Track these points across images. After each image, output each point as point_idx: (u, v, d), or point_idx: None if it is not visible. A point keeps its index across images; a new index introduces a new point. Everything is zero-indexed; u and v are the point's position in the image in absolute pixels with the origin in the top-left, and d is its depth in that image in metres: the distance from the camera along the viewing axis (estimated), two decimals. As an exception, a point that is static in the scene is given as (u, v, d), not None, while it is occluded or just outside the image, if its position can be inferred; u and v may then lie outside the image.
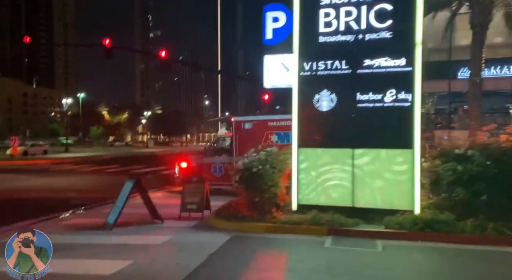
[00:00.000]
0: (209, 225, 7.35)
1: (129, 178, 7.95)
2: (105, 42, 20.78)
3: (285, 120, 11.27)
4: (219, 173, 12.03)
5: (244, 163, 7.28)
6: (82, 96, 74.26)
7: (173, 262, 5.17)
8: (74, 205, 9.92)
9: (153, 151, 51.55)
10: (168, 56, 21.40)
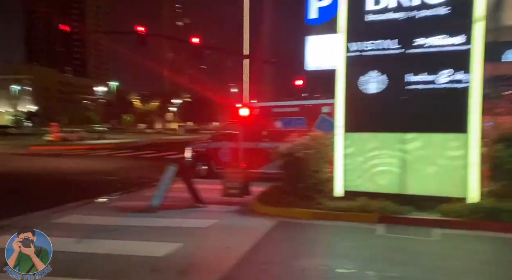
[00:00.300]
0: (252, 210, 7.28)
1: (172, 163, 8.00)
2: (138, 29, 21.00)
3: (289, 107, 11.68)
4: (227, 157, 12.20)
5: (287, 148, 7.10)
6: (115, 85, 76.13)
7: (223, 245, 5.12)
8: (117, 188, 10.15)
9: (183, 138, 52.32)
10: (201, 43, 21.38)
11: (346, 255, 4.62)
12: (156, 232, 5.92)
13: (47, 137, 33.49)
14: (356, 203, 6.48)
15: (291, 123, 11.15)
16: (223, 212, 7.22)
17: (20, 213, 7.05)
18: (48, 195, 9.69)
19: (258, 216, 6.82)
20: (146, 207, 7.51)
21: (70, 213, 7.35)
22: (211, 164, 12.70)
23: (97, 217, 6.86)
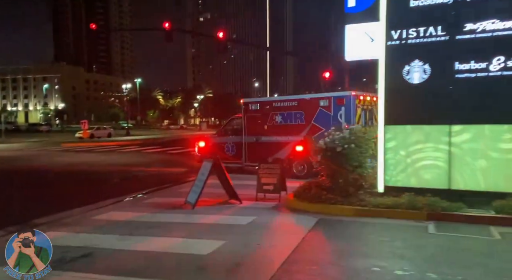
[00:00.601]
0: (289, 207, 7.09)
1: (207, 159, 7.90)
2: (165, 26, 21.08)
3: (288, 101, 11.86)
4: (231, 152, 12.69)
5: (326, 142, 6.84)
6: (139, 82, 77.36)
7: (267, 244, 4.95)
8: (150, 184, 10.19)
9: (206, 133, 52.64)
10: (226, 37, 21.26)
11: (401, 256, 4.35)
12: (196, 229, 5.82)
13: (77, 134, 34.40)
14: (402, 199, 6.16)
15: (290, 118, 11.42)
16: (259, 209, 7.06)
17: (60, 210, 7.13)
18: (86, 191, 9.85)
19: (296, 213, 6.62)
20: (183, 204, 7.46)
21: (108, 209, 7.38)
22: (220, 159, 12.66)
23: (135, 214, 6.84)
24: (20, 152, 22.83)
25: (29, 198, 9.12)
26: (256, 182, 7.96)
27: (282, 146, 11.40)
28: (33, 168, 15.72)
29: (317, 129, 10.72)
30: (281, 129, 11.49)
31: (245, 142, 12.26)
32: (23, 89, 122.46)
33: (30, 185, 11.12)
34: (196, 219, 6.42)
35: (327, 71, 19.34)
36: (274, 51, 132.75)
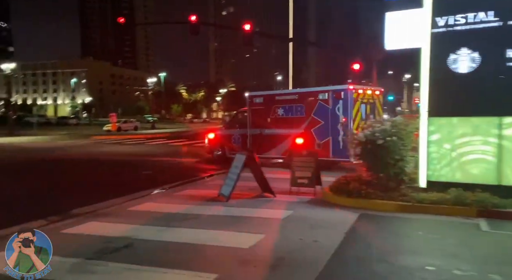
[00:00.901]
0: (326, 201, 6.91)
1: (241, 151, 7.80)
2: (191, 19, 21.08)
3: (289, 95, 12.22)
4: (237, 143, 13.07)
5: (366, 135, 6.59)
6: (163, 76, 78.30)
7: (309, 239, 4.79)
8: (182, 176, 10.21)
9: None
10: (252, 29, 21.05)
11: (454, 254, 4.11)
12: (233, 222, 5.73)
13: (105, 127, 35.18)
14: (448, 195, 5.86)
15: (291, 111, 11.64)
16: (295, 203, 6.91)
17: (98, 200, 7.22)
18: (122, 181, 9.98)
19: (334, 207, 6.43)
20: (216, 196, 7.40)
21: (144, 200, 7.42)
22: (224, 150, 13.66)
23: (171, 205, 6.83)
24: (53, 144, 23.53)
25: (69, 188, 9.32)
26: (290, 175, 7.80)
27: (284, 138, 11.62)
28: (70, 158, 16.14)
29: (316, 122, 10.99)
30: (283, 122, 11.73)
31: (250, 134, 12.56)
32: (52, 83, 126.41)
33: (68, 175, 11.38)
34: (232, 212, 6.34)
35: (356, 62, 18.83)
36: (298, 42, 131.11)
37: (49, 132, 36.80)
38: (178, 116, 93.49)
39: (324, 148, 10.70)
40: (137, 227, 5.55)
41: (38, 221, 5.83)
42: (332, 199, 6.89)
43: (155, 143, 23.36)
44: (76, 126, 46.89)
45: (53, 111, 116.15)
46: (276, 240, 4.80)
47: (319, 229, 5.24)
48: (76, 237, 5.15)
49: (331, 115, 10.69)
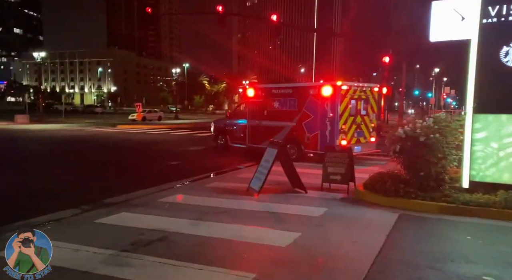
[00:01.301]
0: (360, 200, 6.64)
1: (271, 143, 7.60)
2: (218, 9, 20.89)
3: (284, 89, 12.74)
4: (238, 134, 13.88)
5: (406, 131, 6.24)
6: (186, 66, 78.75)
7: (348, 239, 4.57)
8: (210, 168, 10.13)
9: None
10: (279, 20, 20.68)
11: (511, 263, 3.79)
12: (266, 218, 5.57)
13: (130, 117, 35.67)
14: (496, 197, 5.49)
15: (286, 104, 12.15)
16: (328, 200, 6.67)
17: (128, 191, 7.20)
18: (151, 172, 10.00)
19: (371, 206, 6.16)
20: (246, 190, 7.25)
21: (173, 192, 7.36)
22: (226, 139, 14.54)
23: (201, 198, 6.72)
24: (81, 132, 24.02)
25: (100, 176, 9.41)
26: (322, 171, 7.56)
27: (279, 130, 12.13)
28: (99, 146, 16.40)
29: (307, 116, 11.49)
30: (278, 115, 12.29)
31: (248, 125, 13.31)
32: (79, 72, 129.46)
33: (98, 164, 11.51)
34: (263, 207, 6.17)
35: (387, 55, 18.19)
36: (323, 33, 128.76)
37: (76, 120, 37.66)
38: (200, 107, 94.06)
39: (313, 141, 11.33)
40: (169, 219, 5.46)
41: (70, 210, 5.84)
42: (367, 198, 6.61)
43: (179, 134, 23.45)
44: (101, 114, 47.77)
45: (79, 99, 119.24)
46: (313, 239, 4.60)
47: (357, 229, 5.00)
48: (110, 227, 5.11)
49: (320, 110, 11.19)
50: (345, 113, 10.97)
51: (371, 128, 11.86)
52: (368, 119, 11.76)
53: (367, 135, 11.78)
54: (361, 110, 11.48)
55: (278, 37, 22.09)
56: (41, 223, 5.18)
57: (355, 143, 11.24)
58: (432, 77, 42.40)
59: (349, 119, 11.03)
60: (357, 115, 11.31)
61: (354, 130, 11.29)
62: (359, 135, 11.46)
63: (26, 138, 19.79)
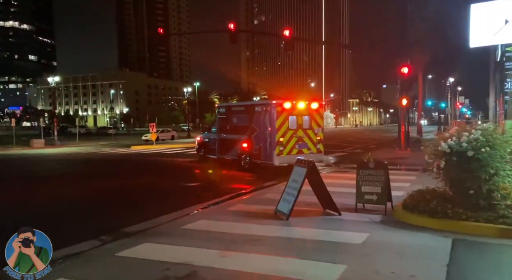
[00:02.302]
0: (402, 221, 6.05)
1: (299, 162, 7.09)
2: (230, 27, 20.82)
3: (239, 106, 15.43)
4: (212, 146, 15.76)
5: (451, 145, 5.68)
6: (197, 85, 79.39)
7: (404, 273, 3.99)
8: (233, 189, 9.66)
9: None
10: (292, 35, 20.47)
11: None
12: (302, 247, 5.02)
13: (144, 137, 35.60)
14: None
15: (241, 120, 13.93)
16: (366, 223, 6.10)
17: (149, 215, 6.75)
18: (172, 195, 9.55)
19: (416, 230, 5.57)
20: (273, 213, 6.72)
21: (196, 217, 6.86)
22: (205, 151, 16.62)
23: (226, 224, 6.22)
24: (96, 155, 23.86)
25: (119, 201, 9.01)
26: (356, 190, 7.00)
27: (237, 143, 13.85)
28: (117, 169, 16.10)
29: (254, 130, 13.17)
30: (237, 129, 14.05)
31: (218, 138, 15.31)
32: (92, 95, 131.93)
33: (118, 188, 11.13)
34: (297, 234, 5.63)
35: (405, 66, 17.67)
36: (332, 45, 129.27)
37: (90, 142, 37.77)
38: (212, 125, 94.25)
39: (259, 152, 12.99)
40: (195, 250, 4.96)
41: (89, 242, 5.39)
42: (409, 219, 6.02)
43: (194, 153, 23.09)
44: (115, 136, 47.97)
45: (92, 122, 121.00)
46: (363, 273, 4.04)
47: (410, 259, 4.42)
48: (132, 262, 4.63)
49: (262, 124, 12.83)
50: (283, 127, 12.40)
51: (315, 140, 13.22)
52: (312, 132, 13.12)
53: (311, 147, 13.10)
54: (303, 125, 12.85)
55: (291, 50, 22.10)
56: (59, 258, 4.72)
57: (296, 153, 12.25)
58: (447, 86, 41.53)
59: (288, 133, 12.51)
60: (298, 129, 12.75)
61: (295, 142, 12.70)
62: (301, 146, 12.83)
63: (42, 162, 19.66)
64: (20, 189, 11.39)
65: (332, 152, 21.03)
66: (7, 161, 20.91)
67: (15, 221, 7.22)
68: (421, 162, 13.20)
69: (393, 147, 21.56)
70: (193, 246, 5.13)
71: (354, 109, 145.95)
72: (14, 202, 9.33)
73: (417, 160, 15.06)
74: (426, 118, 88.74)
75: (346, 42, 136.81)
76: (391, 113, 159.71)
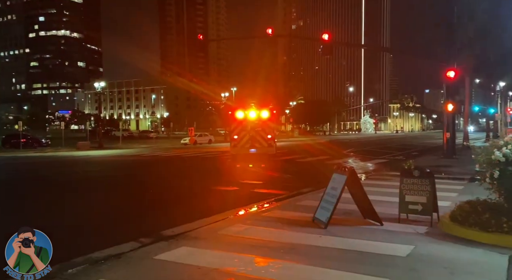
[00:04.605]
0: (448, 234, 5.67)
1: (339, 169, 6.88)
2: (267, 32, 20.91)
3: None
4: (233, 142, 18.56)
5: (506, 154, 5.26)
6: (234, 90, 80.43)
7: (457, 292, 3.70)
8: (266, 195, 9.58)
9: (301, 140, 51.78)
10: (331, 39, 20.17)
11: None
12: (344, 258, 4.81)
13: (182, 141, 36.50)
14: None
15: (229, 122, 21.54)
16: (410, 235, 5.78)
17: (186, 218, 6.82)
18: (209, 199, 9.63)
19: (466, 244, 5.19)
20: (313, 221, 6.55)
21: (232, 221, 6.84)
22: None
23: (263, 230, 6.13)
24: (139, 157, 24.72)
25: (159, 203, 9.22)
26: (398, 199, 6.67)
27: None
28: (157, 171, 16.59)
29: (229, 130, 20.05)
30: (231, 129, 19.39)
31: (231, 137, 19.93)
32: (135, 99, 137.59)
33: (157, 190, 11.42)
34: (335, 243, 5.42)
35: (451, 69, 16.79)
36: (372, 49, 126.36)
37: (132, 145, 39.30)
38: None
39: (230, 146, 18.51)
40: (232, 256, 4.91)
41: (129, 244, 5.51)
42: (458, 232, 5.62)
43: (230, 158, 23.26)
44: (155, 139, 49.59)
45: (135, 125, 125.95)
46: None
47: (462, 276, 4.10)
48: (170, 265, 4.65)
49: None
50: (237, 128, 17.55)
51: (266, 138, 17.43)
52: (263, 132, 17.41)
53: (262, 142, 17.36)
54: (256, 127, 17.25)
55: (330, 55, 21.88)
56: (102, 259, 4.86)
57: (249, 147, 17.23)
58: (497, 91, 39.10)
59: (242, 132, 17.27)
60: (251, 130, 17.19)
61: (248, 139, 17.20)
62: (254, 142, 17.26)
63: (86, 164, 20.63)
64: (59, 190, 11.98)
65: (370, 159, 20.40)
66: (54, 163, 22.14)
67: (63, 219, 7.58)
68: (468, 171, 12.62)
69: (437, 154, 20.56)
70: (229, 252, 5.09)
71: (395, 114, 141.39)
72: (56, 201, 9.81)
73: (464, 169, 14.25)
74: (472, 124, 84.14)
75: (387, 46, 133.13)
76: (434, 118, 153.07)
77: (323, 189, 7.01)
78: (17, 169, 19.55)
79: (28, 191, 11.91)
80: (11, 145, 32.98)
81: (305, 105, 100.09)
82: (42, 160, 23.91)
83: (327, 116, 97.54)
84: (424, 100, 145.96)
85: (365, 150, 28.31)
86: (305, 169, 16.23)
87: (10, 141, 33.86)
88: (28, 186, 13.29)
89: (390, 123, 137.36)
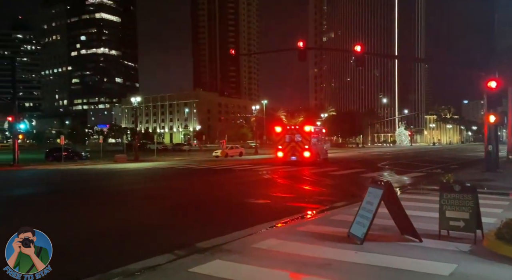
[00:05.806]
0: (493, 252, 5.37)
1: (375, 183, 6.71)
2: (299, 45, 20.99)
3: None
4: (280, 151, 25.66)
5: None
6: (265, 103, 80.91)
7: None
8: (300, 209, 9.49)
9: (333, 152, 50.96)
10: (363, 51, 19.96)
11: None
12: (380, 276, 4.66)
13: (214, 153, 36.99)
14: None
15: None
16: (452, 252, 5.51)
17: (219, 231, 6.87)
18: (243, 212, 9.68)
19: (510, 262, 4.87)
20: (348, 237, 6.40)
21: (265, 235, 6.81)
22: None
23: (297, 245, 6.06)
24: (173, 171, 25.27)
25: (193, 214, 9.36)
26: (439, 214, 6.40)
27: None
28: (192, 183, 16.89)
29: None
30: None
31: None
32: (169, 113, 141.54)
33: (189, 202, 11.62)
34: (373, 260, 5.26)
35: (493, 79, 16.06)
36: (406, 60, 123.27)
37: (167, 157, 40.21)
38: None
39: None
40: (265, 270, 4.89)
41: (165, 256, 5.61)
42: (504, 251, 5.30)
43: (263, 169, 23.31)
44: (188, 152, 50.59)
45: (169, 138, 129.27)
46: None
47: (511, 299, 3.85)
48: (204, 278, 4.70)
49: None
50: (281, 140, 25.02)
51: (304, 148, 24.16)
52: (302, 144, 24.24)
53: (300, 152, 24.23)
54: (295, 139, 24.39)
55: (362, 66, 21.72)
56: (138, 270, 4.98)
57: (291, 155, 24.51)
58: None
59: (284, 144, 24.77)
60: (291, 142, 24.49)
61: (289, 149, 24.60)
62: (294, 151, 24.43)
63: (127, 176, 21.33)
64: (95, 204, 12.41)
65: (406, 172, 19.72)
66: (99, 175, 23.05)
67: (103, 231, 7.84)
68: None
69: (478, 168, 19.57)
70: (263, 266, 5.07)
71: (431, 126, 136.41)
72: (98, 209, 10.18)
73: (509, 183, 13.47)
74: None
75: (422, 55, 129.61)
76: (474, 130, 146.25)
77: (357, 203, 6.86)
78: (73, 180, 20.43)
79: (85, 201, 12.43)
80: (53, 158, 34.69)
81: (337, 116, 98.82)
82: (84, 172, 24.95)
83: (360, 128, 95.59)
84: (462, 111, 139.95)
85: (400, 163, 27.42)
86: (339, 183, 15.93)
87: (53, 154, 35.64)
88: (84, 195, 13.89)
89: (427, 135, 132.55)
